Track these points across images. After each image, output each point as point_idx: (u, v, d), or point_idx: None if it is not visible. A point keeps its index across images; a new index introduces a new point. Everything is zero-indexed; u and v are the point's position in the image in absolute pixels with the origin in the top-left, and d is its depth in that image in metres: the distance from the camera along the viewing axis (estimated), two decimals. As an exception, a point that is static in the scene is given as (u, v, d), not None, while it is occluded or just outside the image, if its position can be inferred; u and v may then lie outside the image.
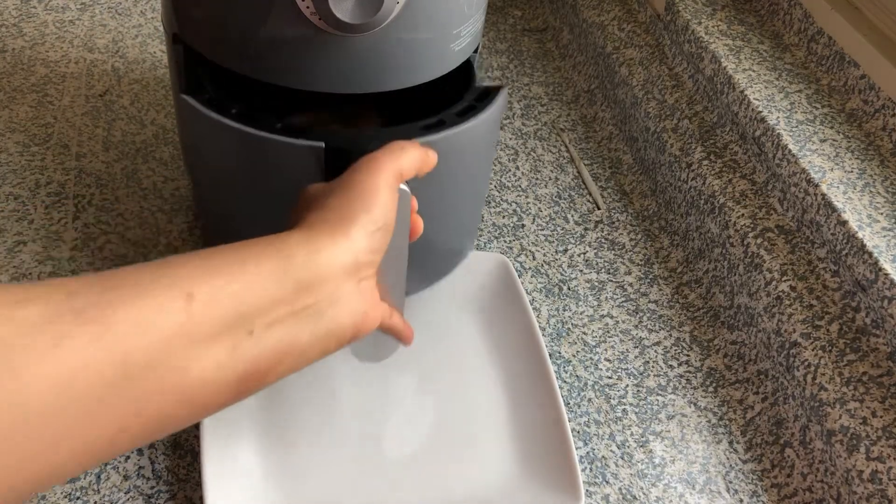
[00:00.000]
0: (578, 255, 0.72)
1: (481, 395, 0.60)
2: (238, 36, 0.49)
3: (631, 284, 0.71)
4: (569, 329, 0.67)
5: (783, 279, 0.61)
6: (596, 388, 0.63)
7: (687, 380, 0.64)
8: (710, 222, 0.69)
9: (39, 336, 0.26)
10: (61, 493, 0.53)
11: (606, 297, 0.69)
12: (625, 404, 0.62)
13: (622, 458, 0.59)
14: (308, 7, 0.46)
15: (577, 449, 0.57)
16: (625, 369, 0.64)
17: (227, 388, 0.32)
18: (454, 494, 0.54)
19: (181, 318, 0.30)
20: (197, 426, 0.55)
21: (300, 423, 0.56)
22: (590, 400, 0.62)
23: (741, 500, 0.57)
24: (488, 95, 0.54)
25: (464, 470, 0.55)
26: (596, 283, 0.70)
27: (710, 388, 0.64)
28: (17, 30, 0.88)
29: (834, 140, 0.64)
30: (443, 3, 0.50)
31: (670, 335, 0.67)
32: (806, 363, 0.58)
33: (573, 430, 0.60)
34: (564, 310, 0.68)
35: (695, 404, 0.63)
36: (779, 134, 0.64)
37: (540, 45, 0.97)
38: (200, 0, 0.49)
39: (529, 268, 0.71)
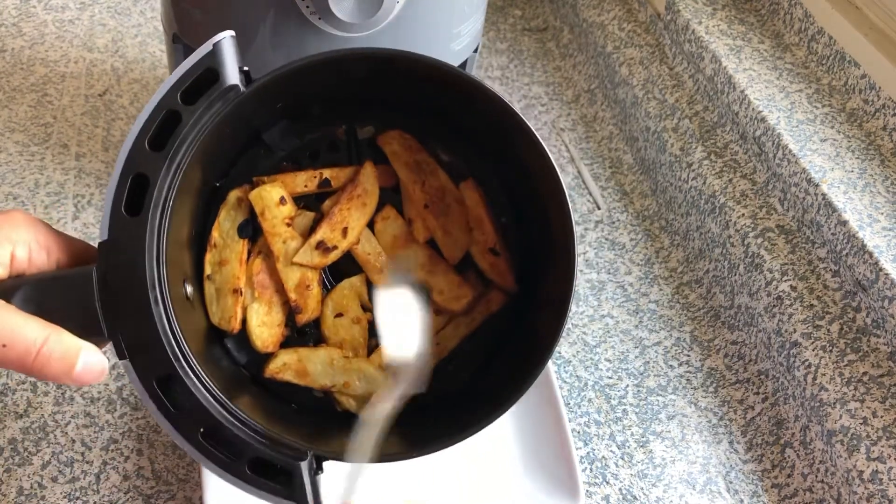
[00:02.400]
0: (578, 255, 0.72)
1: (481, 395, 0.59)
2: (238, 36, 0.49)
3: (631, 284, 0.71)
4: (569, 329, 0.66)
5: (784, 279, 0.61)
6: (596, 388, 0.63)
7: (687, 380, 0.64)
8: (711, 222, 0.69)
9: None
10: (61, 493, 0.53)
11: (606, 297, 0.69)
12: (625, 404, 0.62)
13: (622, 459, 0.59)
14: (308, 7, 0.46)
15: (577, 449, 0.57)
16: (625, 369, 0.64)
17: None
18: (454, 494, 0.54)
19: None
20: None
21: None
22: (590, 400, 0.62)
23: (741, 501, 0.57)
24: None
25: (464, 470, 0.55)
26: (596, 283, 0.70)
27: (711, 389, 0.64)
28: (16, 29, 0.88)
29: (834, 140, 0.64)
30: (443, 3, 0.49)
31: (671, 335, 0.67)
32: (806, 363, 0.58)
33: (573, 430, 0.60)
34: (564, 310, 0.68)
35: (695, 404, 0.62)
36: (779, 134, 0.64)
37: (540, 45, 0.97)
38: (200, 0, 0.49)
39: (529, 268, 0.71)
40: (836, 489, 0.55)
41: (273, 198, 0.43)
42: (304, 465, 0.37)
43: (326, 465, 0.38)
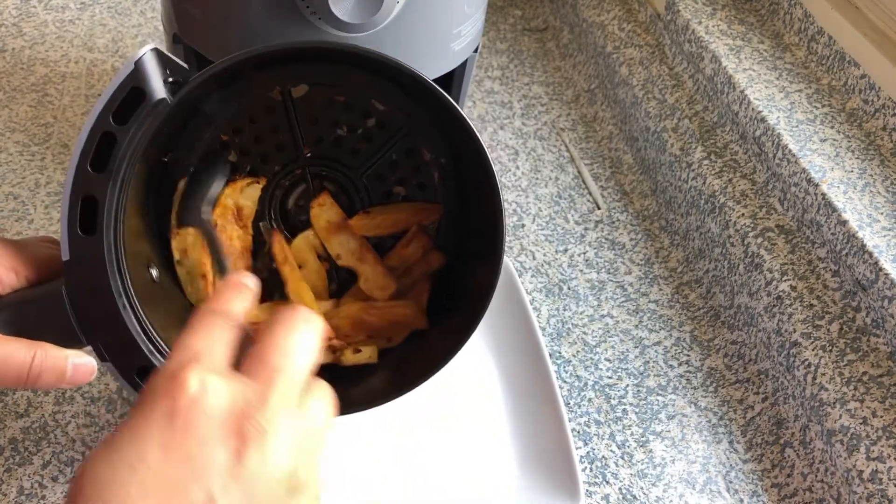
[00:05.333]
0: (578, 255, 0.72)
1: (481, 394, 0.60)
2: (238, 36, 0.49)
3: (631, 284, 0.71)
4: (569, 329, 0.66)
5: (783, 279, 0.61)
6: (596, 388, 0.63)
7: (687, 380, 0.64)
8: (711, 222, 0.69)
9: None
10: (61, 493, 0.53)
11: (606, 297, 0.69)
12: (625, 404, 0.62)
13: (622, 458, 0.59)
14: (308, 7, 0.46)
15: (577, 449, 0.57)
16: (625, 369, 0.64)
17: None
18: (454, 494, 0.54)
19: None
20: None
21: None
22: (590, 400, 0.62)
23: (741, 500, 0.57)
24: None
25: (464, 469, 0.55)
26: (596, 283, 0.70)
27: (711, 388, 0.64)
28: (16, 29, 0.88)
29: (834, 140, 0.64)
30: (443, 3, 0.49)
31: (670, 335, 0.67)
32: (806, 363, 0.58)
33: (573, 430, 0.60)
34: (564, 310, 0.68)
35: (695, 404, 0.62)
36: (779, 134, 0.64)
37: (540, 45, 0.97)
38: (200, 0, 0.49)
39: (529, 268, 0.71)
40: (836, 489, 0.55)
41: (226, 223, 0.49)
42: None
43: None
